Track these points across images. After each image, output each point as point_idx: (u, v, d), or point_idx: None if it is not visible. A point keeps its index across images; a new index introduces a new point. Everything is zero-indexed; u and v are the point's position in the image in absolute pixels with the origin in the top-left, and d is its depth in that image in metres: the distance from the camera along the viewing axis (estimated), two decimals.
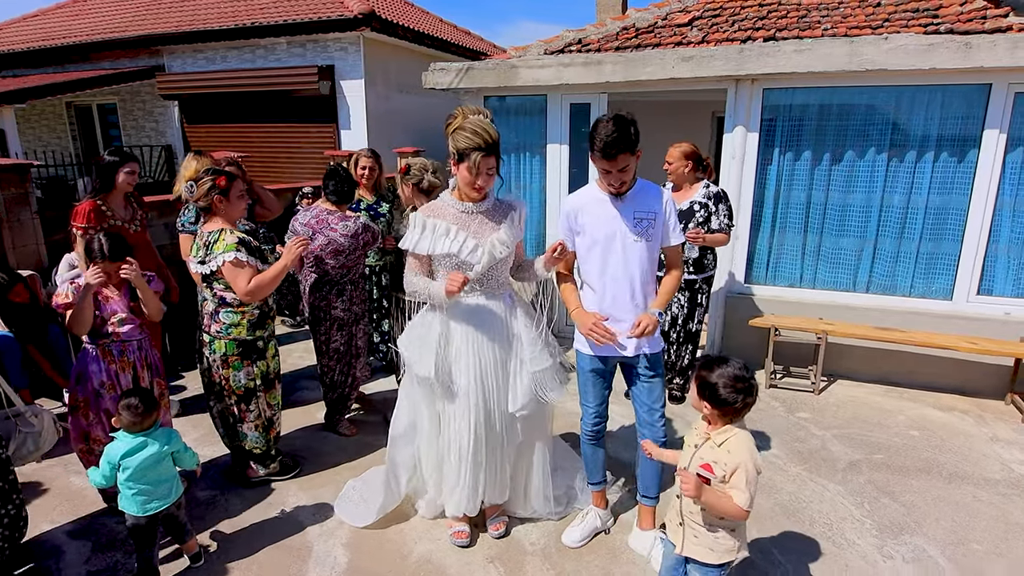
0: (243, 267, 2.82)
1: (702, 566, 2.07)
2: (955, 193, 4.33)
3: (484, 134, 2.45)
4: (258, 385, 3.06)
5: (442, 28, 11.43)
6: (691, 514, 2.06)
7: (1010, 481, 3.34)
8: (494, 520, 2.88)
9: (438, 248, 2.55)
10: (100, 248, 2.74)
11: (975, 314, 4.35)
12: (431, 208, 2.65)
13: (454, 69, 5.17)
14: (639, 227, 2.48)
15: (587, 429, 2.79)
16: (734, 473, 1.91)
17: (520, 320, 2.71)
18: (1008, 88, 4.03)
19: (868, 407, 4.26)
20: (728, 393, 1.93)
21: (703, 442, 2.03)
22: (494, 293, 2.67)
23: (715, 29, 5.84)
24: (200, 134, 10.49)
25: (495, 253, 2.56)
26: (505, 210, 2.67)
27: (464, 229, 2.57)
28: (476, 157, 2.44)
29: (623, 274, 2.52)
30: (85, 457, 2.94)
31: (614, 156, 2.32)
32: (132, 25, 10.66)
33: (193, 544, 2.66)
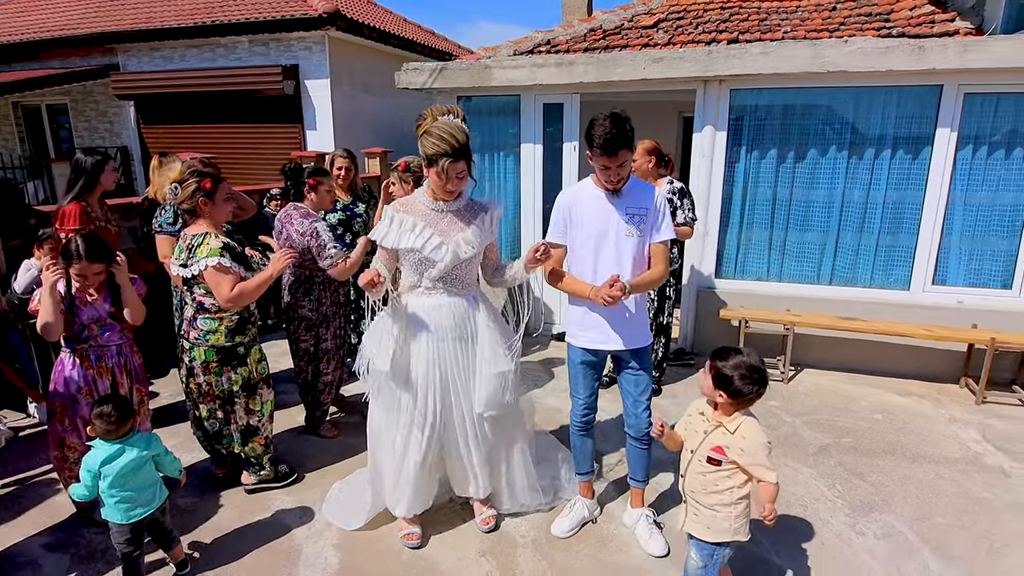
0: (226, 273, 2.75)
1: (698, 542, 2.18)
2: (910, 189, 4.56)
3: (451, 139, 2.44)
4: (236, 392, 3.00)
5: (407, 28, 11.38)
6: (692, 493, 2.17)
7: (967, 459, 3.54)
8: (483, 515, 2.91)
9: (403, 242, 2.56)
10: (77, 249, 2.64)
11: (930, 303, 4.59)
12: (403, 203, 2.66)
13: (428, 69, 5.17)
14: (631, 222, 2.54)
15: (577, 420, 2.84)
16: (751, 456, 2.04)
17: (483, 321, 2.70)
18: (958, 89, 4.26)
19: (834, 394, 4.45)
20: (744, 384, 2.03)
21: (713, 428, 2.12)
22: (458, 292, 2.68)
23: (680, 31, 6.00)
24: (158, 135, 10.19)
25: (459, 252, 2.56)
26: (476, 211, 2.67)
27: (432, 226, 2.58)
28: (444, 163, 2.45)
29: (614, 268, 2.55)
30: (60, 464, 2.85)
31: (614, 152, 2.37)
32: (84, 22, 10.28)
33: (179, 551, 2.61)
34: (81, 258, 2.63)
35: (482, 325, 2.69)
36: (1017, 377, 4.47)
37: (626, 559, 2.71)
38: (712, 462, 2.09)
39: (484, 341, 2.67)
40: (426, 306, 2.64)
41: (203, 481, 3.30)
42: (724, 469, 2.09)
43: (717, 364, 2.09)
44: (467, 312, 2.68)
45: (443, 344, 2.63)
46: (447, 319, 2.63)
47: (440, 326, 2.62)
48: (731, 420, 2.09)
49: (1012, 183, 4.37)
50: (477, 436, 2.74)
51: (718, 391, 2.09)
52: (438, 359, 2.63)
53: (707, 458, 2.10)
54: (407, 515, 2.82)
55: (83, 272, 2.65)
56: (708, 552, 2.17)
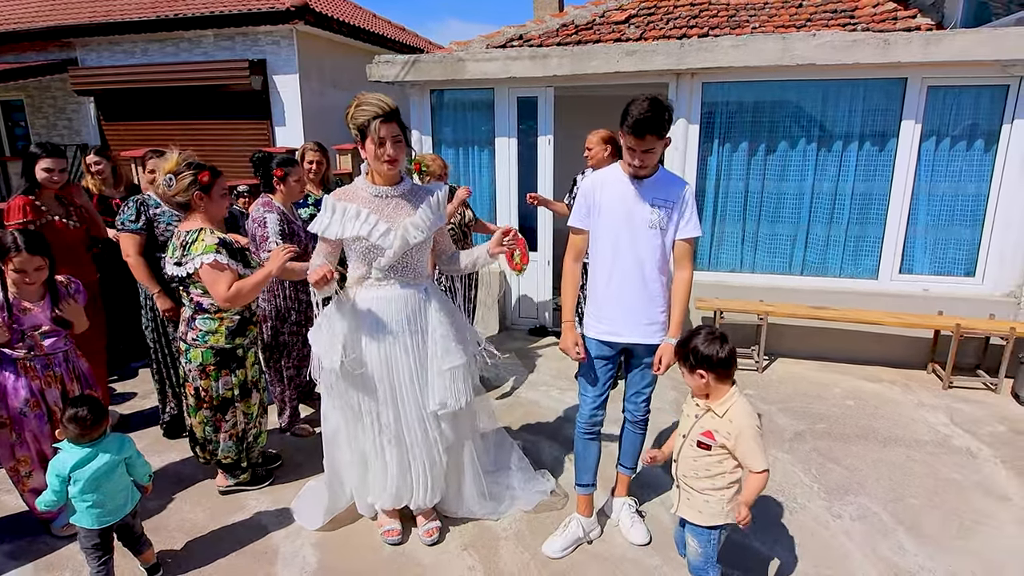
0: (223, 270, 2.62)
1: (693, 527, 2.19)
2: (877, 180, 4.67)
3: (379, 102, 2.34)
4: (235, 395, 2.89)
5: (377, 23, 11.24)
6: (684, 478, 2.17)
7: (937, 441, 3.64)
8: (425, 526, 2.76)
9: (348, 231, 2.42)
10: (14, 242, 2.45)
11: (898, 291, 4.71)
12: (343, 192, 2.53)
13: (400, 62, 5.11)
14: (655, 214, 2.43)
15: (584, 421, 2.69)
16: (738, 441, 2.02)
17: (435, 314, 2.58)
18: (922, 82, 4.38)
19: (807, 382, 4.53)
20: (707, 347, 2.04)
21: (704, 412, 2.12)
22: (409, 283, 2.55)
23: (651, 27, 6.04)
24: (120, 132, 9.86)
25: (408, 238, 2.43)
26: (422, 195, 2.55)
27: (376, 212, 2.44)
28: (375, 124, 2.30)
29: (633, 258, 2.48)
30: (15, 475, 2.70)
31: (642, 135, 2.27)
32: (40, 15, 9.89)
33: (150, 554, 2.52)
34: (20, 250, 2.44)
35: (434, 319, 2.58)
36: (982, 362, 4.61)
37: (608, 548, 2.71)
38: (702, 446, 2.08)
39: (436, 335, 2.56)
40: (377, 299, 2.51)
41: (174, 483, 3.20)
42: (715, 454, 2.08)
43: (680, 351, 2.15)
44: (419, 304, 2.56)
45: (396, 339, 2.51)
46: (399, 312, 2.51)
47: (392, 320, 2.50)
48: (720, 404, 2.08)
49: (974, 174, 4.51)
50: (432, 436, 2.63)
51: (697, 372, 2.08)
52: (391, 354, 2.52)
53: (697, 442, 2.10)
54: (385, 508, 2.75)
55: (23, 267, 2.46)
56: (705, 537, 2.17)
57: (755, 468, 2.02)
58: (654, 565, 2.59)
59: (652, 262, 2.49)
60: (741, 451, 2.03)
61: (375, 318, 2.50)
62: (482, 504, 2.86)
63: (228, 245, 2.70)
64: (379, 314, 2.50)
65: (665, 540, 2.71)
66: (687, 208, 2.47)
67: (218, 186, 2.76)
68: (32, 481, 2.68)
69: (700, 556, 2.20)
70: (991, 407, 4.10)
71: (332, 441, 2.74)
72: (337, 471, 2.79)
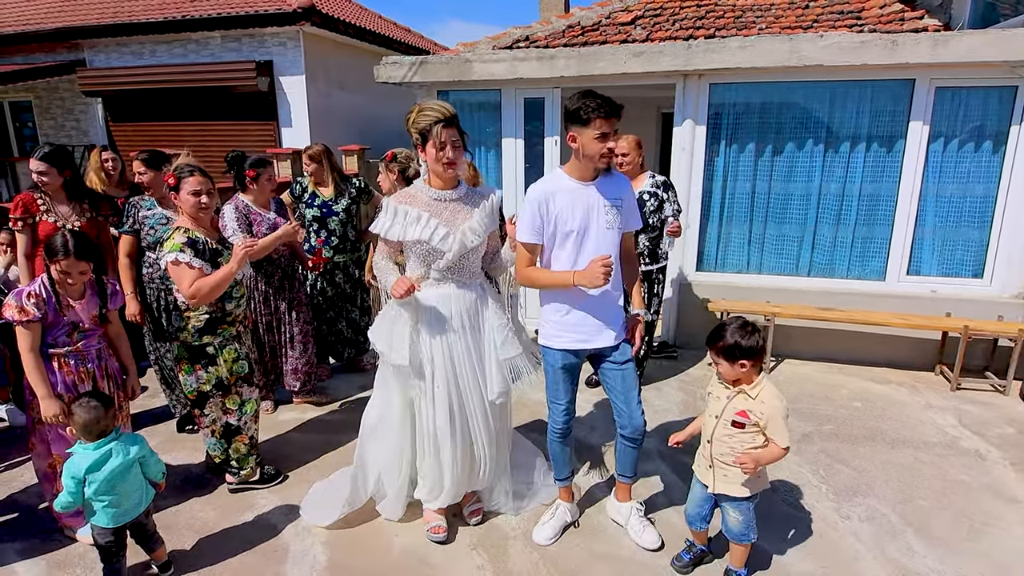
0: (185, 268, 2.69)
1: (734, 500, 2.33)
2: (885, 181, 4.66)
3: (441, 108, 2.47)
4: (210, 391, 2.94)
5: (383, 24, 11.27)
6: (721, 455, 2.32)
7: (945, 443, 3.63)
8: (471, 507, 2.89)
9: (409, 235, 2.52)
10: (64, 244, 2.45)
11: (905, 293, 4.70)
12: (404, 195, 2.62)
13: (407, 63, 5.13)
14: (611, 214, 2.49)
15: (556, 427, 2.74)
16: (770, 420, 2.20)
17: (491, 309, 2.71)
18: (930, 83, 4.37)
19: (814, 383, 4.52)
20: (748, 340, 2.17)
21: (736, 394, 2.27)
22: (465, 282, 2.66)
23: (658, 28, 6.05)
24: (127, 133, 9.91)
25: (466, 242, 2.54)
26: (478, 198, 2.65)
27: (436, 216, 2.54)
28: (437, 128, 2.43)
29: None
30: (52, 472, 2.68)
31: (610, 116, 2.30)
32: (48, 17, 9.96)
33: (162, 552, 2.53)
34: (69, 254, 2.46)
35: (490, 313, 2.70)
36: (990, 364, 4.59)
37: (616, 549, 2.71)
38: (737, 425, 2.24)
39: (493, 328, 2.67)
40: (436, 297, 2.62)
41: (186, 482, 3.22)
42: (748, 431, 2.24)
43: (719, 345, 2.23)
44: (475, 301, 2.67)
45: (455, 334, 2.61)
46: (458, 309, 2.62)
47: (452, 316, 2.61)
48: (753, 387, 2.24)
49: (982, 175, 4.49)
50: (486, 424, 2.73)
51: (739, 363, 2.20)
52: (450, 349, 2.62)
53: (732, 422, 2.25)
54: (440, 505, 2.80)
55: (69, 269, 2.48)
56: (745, 506, 2.33)
57: (781, 444, 2.21)
58: (663, 565, 2.59)
59: (616, 261, 2.54)
60: (772, 429, 2.20)
61: (436, 315, 2.60)
62: (507, 499, 2.94)
63: (195, 244, 2.74)
64: (440, 311, 2.61)
65: (675, 541, 2.71)
66: (633, 202, 2.59)
67: (185, 186, 2.78)
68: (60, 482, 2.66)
69: (742, 524, 2.35)
70: (1000, 409, 4.08)
71: (371, 434, 2.79)
72: (366, 465, 2.83)
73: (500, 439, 2.85)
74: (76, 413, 2.27)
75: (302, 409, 4.09)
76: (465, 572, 2.57)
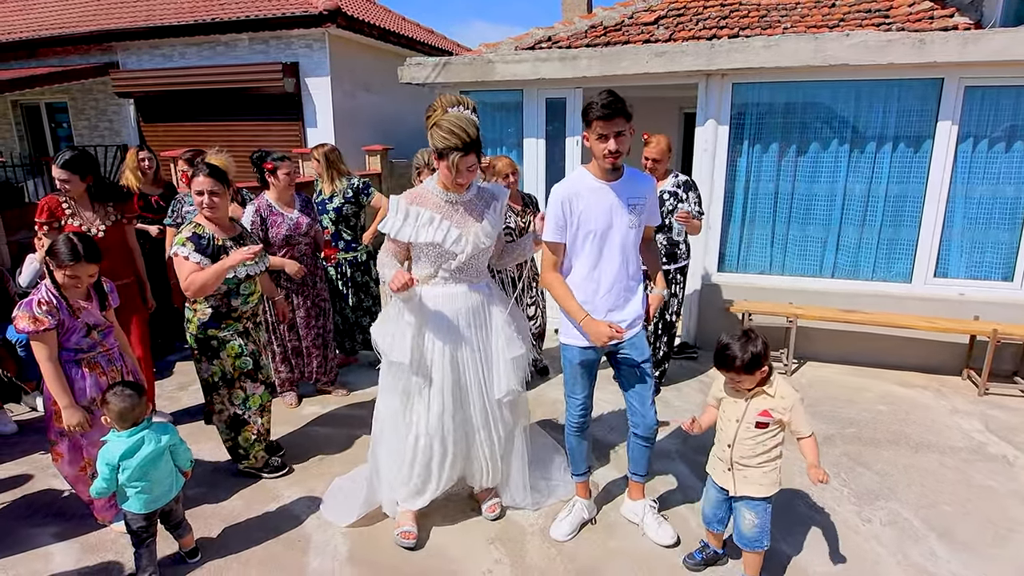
0: (183, 262, 2.81)
1: (752, 501, 2.31)
2: (912, 182, 4.59)
3: (462, 133, 2.39)
4: (216, 382, 3.04)
5: (407, 26, 11.38)
6: (742, 459, 2.29)
7: (971, 448, 3.57)
8: (488, 502, 2.91)
9: (421, 236, 2.52)
10: (73, 249, 2.45)
11: (932, 295, 4.62)
12: (414, 195, 2.60)
13: (430, 64, 5.19)
14: (632, 213, 2.49)
15: (573, 421, 2.76)
16: (792, 413, 2.21)
17: (497, 308, 2.72)
18: (959, 82, 4.29)
19: (837, 386, 4.47)
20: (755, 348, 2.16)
21: (753, 395, 2.26)
22: (472, 282, 2.68)
23: (680, 28, 6.03)
24: (158, 133, 10.16)
25: (479, 244, 2.56)
26: (488, 199, 2.67)
27: (448, 218, 2.54)
28: (454, 157, 2.41)
29: (620, 263, 2.51)
30: (84, 474, 2.68)
31: (610, 118, 2.30)
32: (83, 21, 10.25)
33: (190, 539, 2.61)
34: (79, 259, 2.47)
35: (496, 312, 2.71)
36: (1019, 369, 4.50)
37: (632, 545, 2.72)
38: (760, 426, 2.23)
39: (499, 327, 2.69)
40: (443, 295, 2.62)
41: (213, 472, 3.31)
42: (770, 430, 2.24)
43: (735, 366, 2.18)
44: (482, 301, 2.69)
45: (461, 333, 2.62)
46: (465, 308, 2.63)
47: (458, 315, 2.62)
48: (769, 385, 2.24)
49: (1013, 176, 4.40)
50: (493, 423, 2.74)
51: (758, 372, 2.19)
52: (456, 348, 2.63)
53: (755, 423, 2.23)
54: (410, 508, 2.77)
55: (78, 274, 2.49)
56: (763, 507, 2.31)
57: (805, 433, 2.22)
58: (678, 563, 2.60)
59: (634, 260, 2.57)
60: (796, 421, 2.21)
61: (443, 314, 2.61)
62: (525, 494, 2.94)
63: (198, 240, 2.85)
64: (446, 310, 2.61)
65: (690, 538, 2.72)
66: (654, 200, 2.61)
67: (193, 184, 2.90)
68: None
69: (757, 527, 2.32)
70: None
71: (382, 434, 2.82)
72: (379, 471, 2.85)
73: (514, 437, 2.86)
74: (111, 402, 2.34)
75: (324, 402, 4.17)
76: (483, 566, 2.60)
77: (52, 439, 2.67)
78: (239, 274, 2.93)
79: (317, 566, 2.60)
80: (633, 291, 2.62)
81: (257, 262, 3.01)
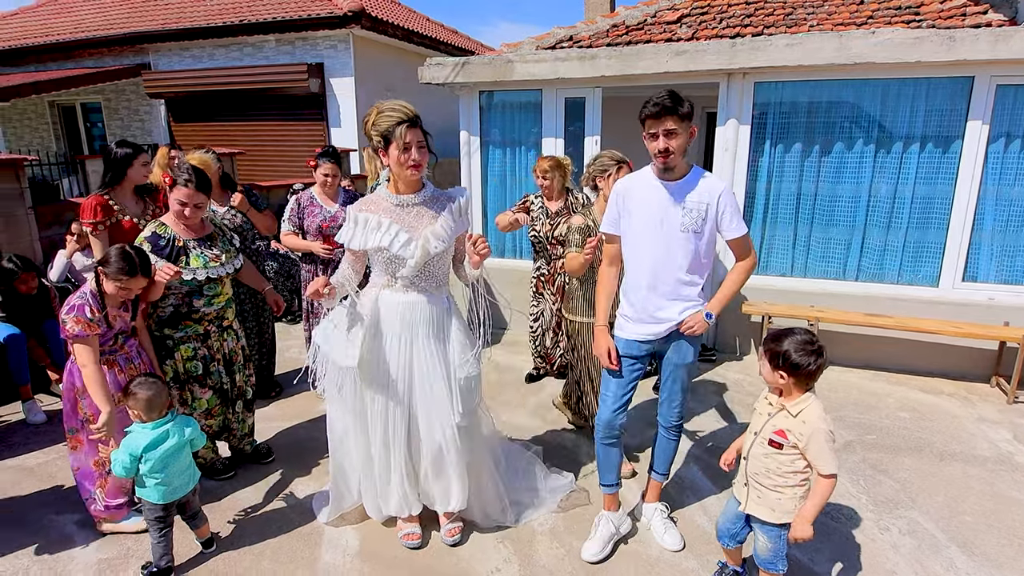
0: None
1: (763, 524, 2.18)
2: (940, 183, 4.47)
3: (402, 109, 2.34)
4: (168, 381, 2.96)
5: (430, 27, 11.46)
6: (756, 475, 2.17)
7: (998, 458, 3.46)
8: (448, 526, 2.75)
9: (370, 242, 2.42)
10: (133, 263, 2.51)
11: (960, 300, 4.49)
12: (365, 202, 2.52)
13: (450, 64, 5.21)
14: (687, 216, 2.38)
15: (603, 425, 2.63)
16: (810, 442, 2.02)
17: (455, 323, 2.61)
18: (990, 80, 4.17)
19: (858, 391, 4.37)
20: (801, 357, 2.01)
21: (777, 411, 2.13)
22: (432, 292, 2.54)
23: (704, 26, 5.95)
24: (187, 133, 10.41)
25: (429, 248, 2.41)
26: (444, 201, 2.52)
27: (398, 222, 2.43)
28: (400, 130, 2.30)
29: (667, 264, 2.44)
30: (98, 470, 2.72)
31: (659, 116, 2.26)
32: (116, 23, 10.56)
33: (206, 529, 2.67)
34: (137, 273, 2.54)
35: (454, 327, 2.60)
36: None
37: (645, 549, 2.70)
38: (773, 444, 2.09)
39: (455, 344, 2.57)
40: (400, 303, 2.51)
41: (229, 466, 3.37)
42: (787, 453, 2.08)
43: (771, 346, 2.09)
44: (441, 312, 2.57)
45: (416, 343, 2.51)
46: (422, 318, 2.51)
47: (414, 323, 2.50)
48: (795, 404, 2.08)
49: None
50: (447, 441, 2.58)
51: (778, 372, 2.07)
52: (411, 357, 2.51)
53: (768, 440, 2.11)
54: (400, 514, 2.73)
55: (130, 287, 2.56)
56: (776, 534, 2.18)
57: (823, 471, 2.02)
58: (690, 568, 2.57)
59: (687, 266, 2.44)
60: (812, 453, 2.03)
61: (397, 321, 2.51)
62: (503, 513, 2.84)
63: (156, 241, 2.83)
64: (401, 318, 2.51)
65: (700, 543, 2.69)
66: (726, 208, 2.38)
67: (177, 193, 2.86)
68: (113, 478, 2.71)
69: (770, 552, 2.21)
70: None
71: (340, 447, 2.72)
72: (345, 474, 2.78)
73: (482, 454, 2.76)
74: (138, 392, 2.40)
75: None
76: (492, 563, 2.61)
77: (73, 426, 2.70)
78: (199, 276, 2.90)
79: (328, 559, 2.64)
80: (684, 298, 2.49)
81: (223, 264, 2.99)
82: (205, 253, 2.96)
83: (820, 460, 2.02)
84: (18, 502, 3.05)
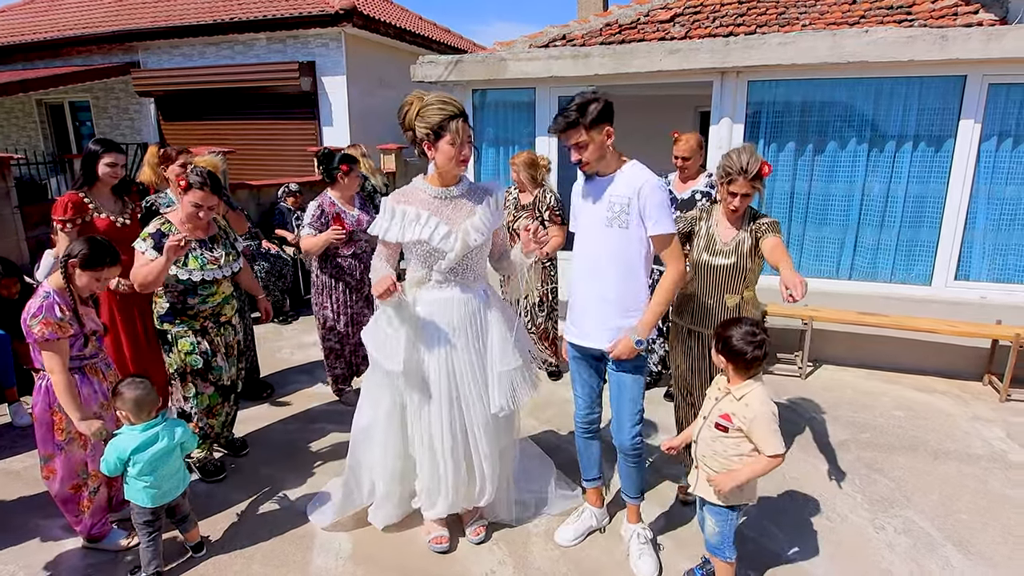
0: (140, 257, 2.85)
1: (711, 507, 2.25)
2: (932, 182, 4.48)
3: (453, 102, 2.34)
4: (171, 373, 3.05)
5: (423, 25, 11.41)
6: (703, 458, 2.25)
7: (991, 456, 3.47)
8: (473, 525, 2.76)
9: (408, 235, 2.40)
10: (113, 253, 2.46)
11: (953, 298, 4.50)
12: (402, 194, 2.49)
13: (443, 62, 5.18)
14: (610, 211, 2.34)
15: (578, 421, 2.70)
16: (753, 425, 2.09)
17: (494, 316, 2.57)
18: (982, 80, 4.18)
19: (853, 390, 4.38)
20: (740, 344, 2.10)
21: (723, 396, 2.19)
22: (469, 286, 2.52)
23: (697, 25, 5.95)
24: (177, 131, 10.31)
25: (468, 240, 2.39)
26: (481, 195, 2.51)
27: (437, 215, 2.41)
28: (457, 124, 2.29)
29: (596, 259, 2.41)
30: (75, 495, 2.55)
31: (565, 130, 2.29)
32: (105, 21, 10.44)
33: (196, 533, 2.63)
34: (118, 262, 2.50)
35: (493, 320, 2.56)
36: None
37: None
38: (719, 427, 2.17)
39: (495, 337, 2.54)
40: (437, 300, 2.49)
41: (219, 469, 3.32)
42: (732, 436, 2.15)
43: (719, 330, 2.20)
44: (479, 307, 2.54)
45: (457, 340, 2.49)
46: (460, 314, 2.49)
47: (452, 321, 2.48)
48: (739, 388, 2.15)
49: None
50: (488, 437, 2.58)
51: (719, 355, 2.17)
52: (452, 356, 2.49)
53: (715, 424, 2.18)
54: (440, 515, 2.70)
55: (106, 276, 2.50)
56: (723, 516, 2.23)
57: (767, 452, 2.09)
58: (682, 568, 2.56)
59: (615, 263, 2.37)
60: (756, 436, 2.10)
61: (436, 320, 2.49)
62: (509, 510, 2.84)
63: (157, 237, 2.86)
64: (440, 316, 2.48)
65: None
66: (648, 203, 2.28)
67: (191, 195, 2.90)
68: (97, 499, 2.60)
69: (717, 535, 2.25)
70: None
71: (363, 439, 2.70)
72: (359, 471, 2.75)
73: (504, 452, 2.73)
74: (125, 393, 2.36)
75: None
76: (486, 566, 2.59)
77: (48, 453, 2.49)
78: (193, 277, 2.89)
79: (320, 563, 2.60)
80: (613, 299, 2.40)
81: (221, 267, 3.01)
82: (205, 255, 2.98)
83: (764, 443, 2.09)
84: (4, 506, 3.00)
